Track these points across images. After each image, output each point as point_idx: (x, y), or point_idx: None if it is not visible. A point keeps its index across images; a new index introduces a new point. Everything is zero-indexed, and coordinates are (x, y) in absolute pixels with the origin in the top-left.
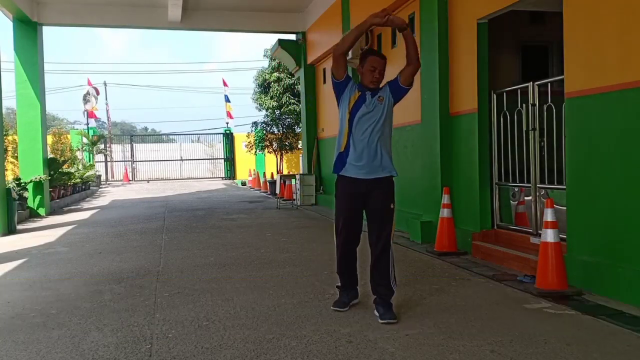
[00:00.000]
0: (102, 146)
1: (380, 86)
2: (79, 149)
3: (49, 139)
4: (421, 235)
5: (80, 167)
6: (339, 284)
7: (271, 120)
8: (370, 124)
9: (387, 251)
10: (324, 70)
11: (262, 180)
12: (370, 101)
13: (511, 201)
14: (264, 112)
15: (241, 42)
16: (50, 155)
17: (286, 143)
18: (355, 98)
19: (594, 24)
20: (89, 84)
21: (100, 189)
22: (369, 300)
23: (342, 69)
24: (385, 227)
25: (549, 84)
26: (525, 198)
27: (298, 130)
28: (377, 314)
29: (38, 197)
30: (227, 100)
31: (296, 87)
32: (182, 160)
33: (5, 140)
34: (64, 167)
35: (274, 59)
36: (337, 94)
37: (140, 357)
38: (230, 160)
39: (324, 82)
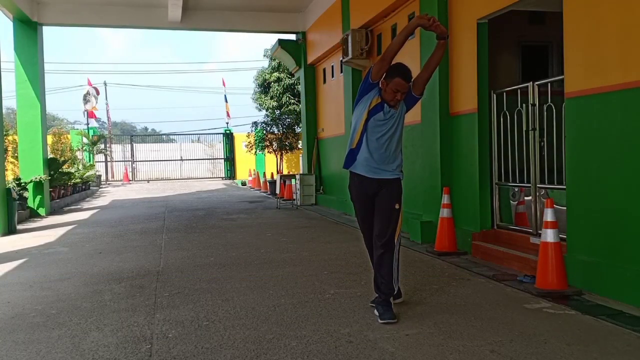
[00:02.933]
0: (102, 146)
1: None
2: (79, 149)
3: (49, 139)
4: (421, 235)
5: (80, 167)
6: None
7: (271, 120)
8: (384, 129)
9: (391, 251)
10: (324, 70)
11: (262, 180)
12: (388, 110)
13: (511, 201)
14: (264, 112)
15: (241, 42)
16: (50, 155)
17: (286, 143)
18: (375, 102)
19: (594, 24)
20: (89, 84)
21: (100, 189)
22: (369, 301)
23: (384, 71)
24: (388, 226)
25: (549, 84)
26: (525, 198)
27: (298, 130)
28: (376, 313)
29: (38, 197)
30: (227, 100)
31: (296, 87)
32: (182, 160)
33: (5, 140)
34: (64, 167)
35: (274, 59)
36: (363, 93)
37: (140, 357)
38: (230, 160)
39: (324, 82)
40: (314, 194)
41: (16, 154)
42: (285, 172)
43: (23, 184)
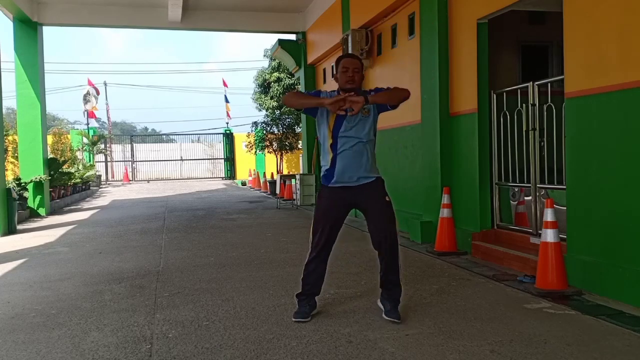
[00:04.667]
0: (102, 146)
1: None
2: (79, 149)
3: (49, 139)
4: (421, 235)
5: (80, 167)
6: (300, 292)
7: (271, 120)
8: (356, 137)
9: (397, 250)
10: (324, 70)
11: (262, 180)
12: (352, 117)
13: (511, 201)
14: (264, 112)
15: (241, 42)
16: (50, 156)
17: (286, 143)
18: (334, 116)
19: (594, 24)
20: (89, 84)
21: (100, 189)
22: (369, 301)
23: (302, 106)
24: (389, 223)
25: (549, 84)
26: (525, 198)
27: (298, 130)
28: (381, 307)
29: (38, 197)
30: (227, 100)
31: (296, 87)
32: (182, 160)
33: (5, 140)
34: (64, 167)
35: (274, 59)
36: (312, 115)
37: (140, 357)
38: (230, 160)
39: (324, 82)
40: (314, 194)
41: (16, 154)
42: (285, 172)
43: (23, 184)
